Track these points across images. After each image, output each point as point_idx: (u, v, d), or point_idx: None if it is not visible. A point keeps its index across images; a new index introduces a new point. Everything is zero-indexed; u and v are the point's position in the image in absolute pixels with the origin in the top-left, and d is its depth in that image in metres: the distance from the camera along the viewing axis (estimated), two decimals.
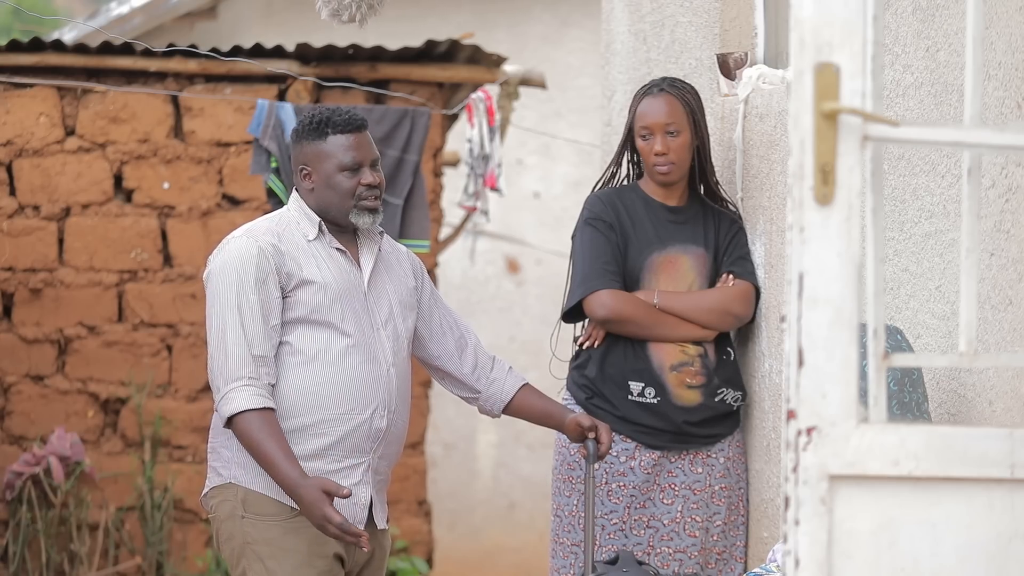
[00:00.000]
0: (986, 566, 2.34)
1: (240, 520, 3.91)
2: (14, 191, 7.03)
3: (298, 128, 4.03)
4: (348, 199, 3.96)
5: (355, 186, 3.96)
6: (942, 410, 3.53)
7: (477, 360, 4.24)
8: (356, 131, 3.98)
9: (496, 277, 10.06)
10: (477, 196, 7.26)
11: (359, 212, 3.97)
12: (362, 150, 3.98)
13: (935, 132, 2.60)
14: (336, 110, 4.00)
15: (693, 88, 4.65)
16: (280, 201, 6.57)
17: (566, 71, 9.75)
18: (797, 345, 2.26)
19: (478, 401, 4.25)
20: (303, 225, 4.00)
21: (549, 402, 4.26)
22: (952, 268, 3.45)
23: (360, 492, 3.96)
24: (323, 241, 3.99)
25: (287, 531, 3.88)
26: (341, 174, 3.96)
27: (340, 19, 5.21)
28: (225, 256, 3.95)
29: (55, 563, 6.83)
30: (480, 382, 4.23)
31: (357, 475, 3.96)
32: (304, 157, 4.01)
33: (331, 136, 3.97)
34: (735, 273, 4.59)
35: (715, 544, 4.60)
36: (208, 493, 4.00)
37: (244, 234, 3.98)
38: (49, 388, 7.03)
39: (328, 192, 3.97)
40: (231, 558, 3.97)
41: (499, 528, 9.93)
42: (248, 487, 3.90)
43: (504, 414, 4.28)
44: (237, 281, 3.89)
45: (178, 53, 7.00)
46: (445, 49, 7.22)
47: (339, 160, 3.96)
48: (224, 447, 3.94)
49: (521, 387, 4.24)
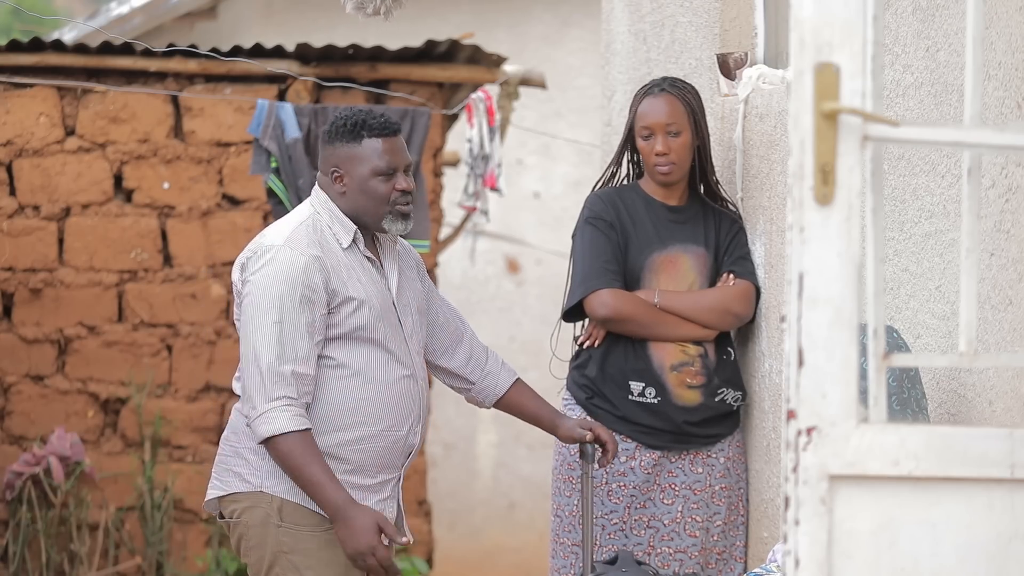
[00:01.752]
0: (986, 566, 2.34)
1: (275, 528, 3.85)
2: (14, 191, 7.03)
3: (331, 129, 3.94)
4: (383, 204, 3.90)
5: (390, 191, 3.90)
6: (942, 410, 3.53)
7: (472, 352, 4.24)
8: (392, 135, 3.92)
9: (496, 277, 10.06)
10: (477, 196, 7.26)
11: (393, 218, 3.91)
12: (397, 154, 3.92)
13: (935, 132, 2.60)
14: (371, 113, 3.93)
15: (693, 88, 4.65)
16: (280, 201, 6.57)
17: (566, 71, 9.75)
18: (797, 345, 2.26)
19: (470, 392, 4.25)
20: (336, 230, 3.91)
21: (541, 401, 4.27)
22: (952, 268, 3.45)
23: (388, 507, 3.97)
24: (355, 250, 3.93)
25: (325, 543, 3.85)
26: (376, 178, 3.89)
27: (365, 12, 5.19)
28: (271, 269, 3.82)
29: (55, 563, 6.83)
30: (474, 374, 4.23)
31: (387, 490, 3.97)
32: (336, 159, 3.93)
33: (366, 139, 3.90)
34: (735, 273, 4.59)
35: (715, 544, 4.60)
36: (230, 497, 3.92)
37: (287, 244, 3.84)
38: (49, 388, 7.03)
39: (361, 196, 3.90)
40: (259, 565, 3.89)
41: (499, 528, 9.93)
42: (284, 497, 3.85)
43: (495, 408, 4.28)
44: (281, 295, 3.79)
45: (178, 53, 6.99)
46: (445, 49, 7.22)
47: (374, 164, 3.89)
48: (253, 453, 3.87)
49: (514, 382, 4.25)
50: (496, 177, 7.18)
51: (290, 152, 6.60)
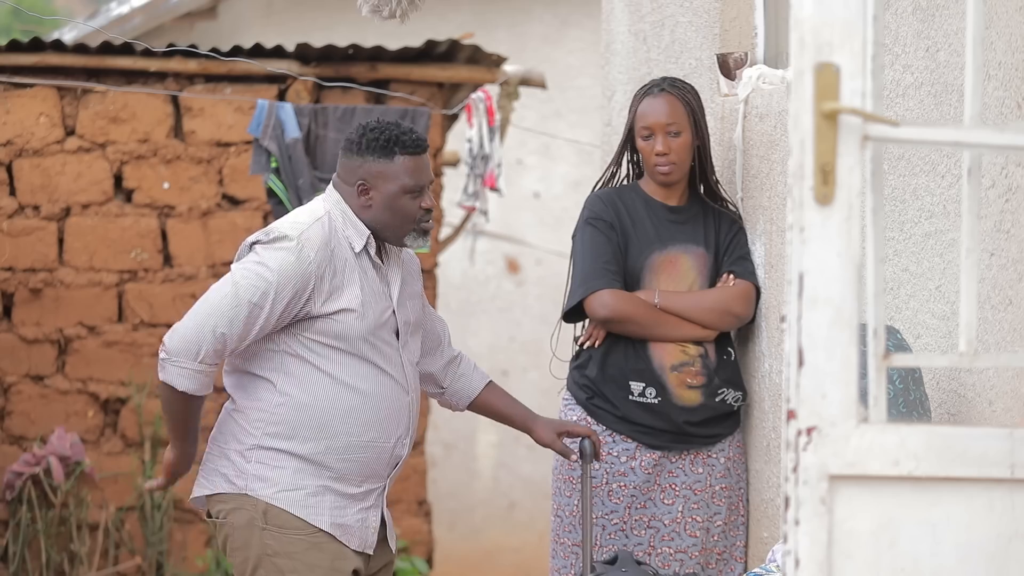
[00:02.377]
0: (986, 566, 2.34)
1: (260, 531, 3.89)
2: (14, 191, 7.03)
3: (359, 141, 3.92)
4: (410, 223, 3.92)
5: (417, 210, 3.92)
6: (942, 410, 3.53)
7: (448, 356, 4.28)
8: (423, 153, 3.93)
9: (496, 277, 10.06)
10: (476, 196, 7.26)
11: (416, 235, 3.93)
12: (424, 172, 3.93)
13: (935, 132, 2.60)
14: (403, 129, 3.91)
15: (693, 88, 4.65)
16: (280, 201, 6.57)
17: (566, 71, 9.75)
18: (797, 345, 2.26)
19: (443, 396, 4.29)
20: (349, 233, 3.92)
21: (513, 403, 4.32)
22: (952, 268, 3.45)
23: (371, 516, 3.99)
24: (365, 256, 3.94)
25: (310, 546, 3.89)
26: (406, 196, 3.90)
27: (381, 15, 5.19)
28: (275, 255, 3.84)
29: (55, 563, 6.83)
30: (447, 378, 4.27)
31: (371, 499, 3.99)
32: (365, 172, 3.91)
33: (399, 156, 3.90)
34: (735, 273, 4.59)
35: (715, 544, 4.60)
36: (216, 496, 3.97)
37: (299, 240, 3.85)
38: (49, 388, 7.03)
39: (388, 213, 3.91)
40: (244, 566, 3.94)
41: (499, 528, 9.93)
42: (269, 501, 3.89)
43: (468, 410, 4.31)
44: (265, 287, 3.81)
45: (178, 53, 6.99)
46: (445, 49, 7.22)
47: (404, 183, 3.90)
48: (239, 455, 3.92)
49: (486, 385, 4.30)
50: (496, 177, 7.18)
51: (290, 152, 6.60)
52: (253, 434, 3.92)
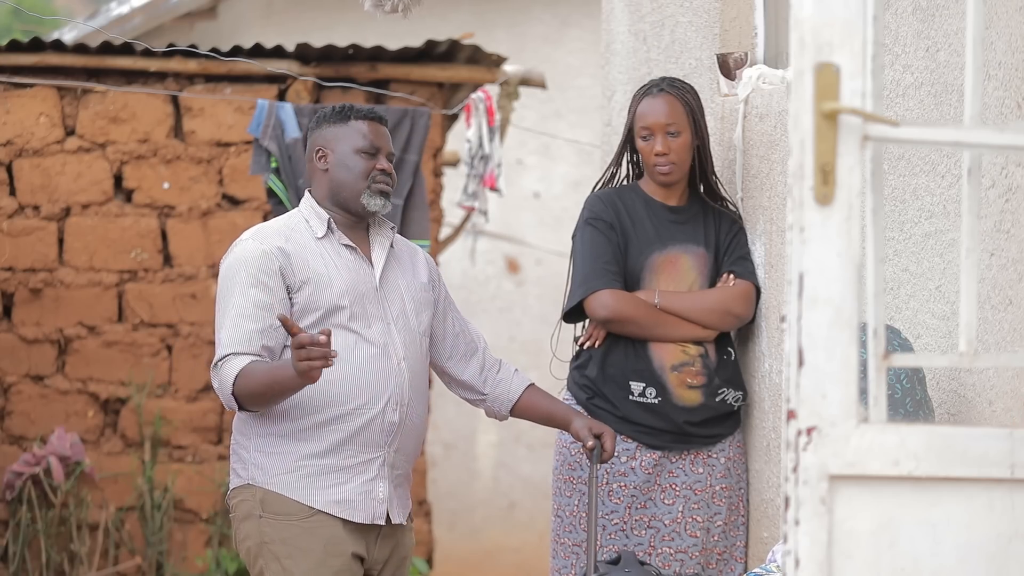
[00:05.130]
0: (986, 566, 2.34)
1: (258, 520, 3.96)
2: (14, 191, 7.03)
3: (319, 115, 4.11)
4: (362, 180, 4.03)
5: (371, 168, 4.03)
6: (942, 410, 3.53)
7: (484, 363, 4.29)
8: (378, 121, 4.09)
9: (496, 277, 10.06)
10: (476, 196, 7.26)
11: (371, 194, 4.03)
12: (380, 138, 4.08)
13: (935, 132, 2.60)
14: (359, 104, 4.08)
15: (693, 88, 4.65)
16: (280, 201, 6.57)
17: (566, 71, 9.75)
18: (797, 345, 2.26)
19: (484, 403, 4.29)
20: (312, 223, 4.05)
21: (555, 402, 4.31)
22: (952, 268, 3.45)
23: (377, 487, 4.01)
24: (332, 239, 4.04)
25: (304, 531, 3.93)
26: (358, 155, 4.04)
27: (383, 9, 5.20)
28: (230, 259, 4.00)
29: (55, 563, 6.83)
30: (487, 385, 4.27)
31: (373, 470, 4.01)
32: (322, 139, 4.08)
33: (352, 120, 4.06)
34: (736, 273, 4.59)
35: (716, 544, 4.60)
36: (230, 493, 4.06)
37: (251, 237, 4.04)
38: (49, 388, 7.03)
39: (342, 172, 4.04)
40: (248, 557, 4.01)
41: (499, 528, 9.93)
42: (265, 487, 3.95)
43: (511, 416, 4.31)
44: (240, 281, 3.93)
45: (178, 53, 7.00)
46: (445, 49, 7.22)
47: (357, 142, 4.04)
48: (243, 448, 4.01)
49: (527, 388, 4.28)
50: (496, 177, 7.18)
51: (290, 152, 6.60)
52: (252, 424, 3.99)
